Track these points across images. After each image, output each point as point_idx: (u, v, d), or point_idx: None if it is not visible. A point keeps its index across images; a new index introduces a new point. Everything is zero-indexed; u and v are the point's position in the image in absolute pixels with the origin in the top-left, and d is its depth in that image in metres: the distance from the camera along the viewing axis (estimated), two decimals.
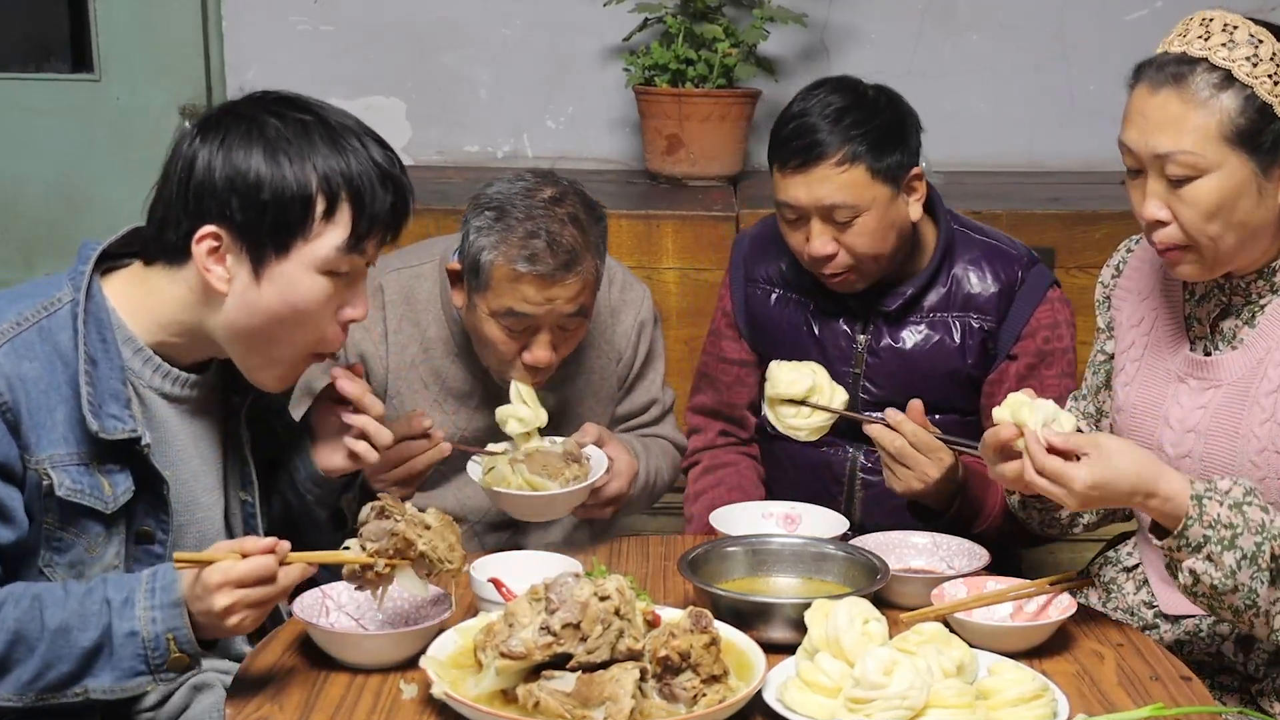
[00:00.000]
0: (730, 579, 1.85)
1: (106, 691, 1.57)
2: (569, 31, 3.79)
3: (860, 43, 3.75)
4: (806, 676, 1.52)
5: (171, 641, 1.55)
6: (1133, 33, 3.67)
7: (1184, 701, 1.60)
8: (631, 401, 2.37)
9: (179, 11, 3.69)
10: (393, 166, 1.67)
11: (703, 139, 3.44)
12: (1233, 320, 1.84)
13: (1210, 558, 1.64)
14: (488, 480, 1.91)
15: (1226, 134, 1.69)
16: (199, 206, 1.61)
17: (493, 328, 2.10)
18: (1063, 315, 2.25)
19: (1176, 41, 1.73)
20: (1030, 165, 3.80)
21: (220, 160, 1.60)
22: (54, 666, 1.55)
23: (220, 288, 1.63)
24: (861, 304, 2.26)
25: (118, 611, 1.55)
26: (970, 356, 2.24)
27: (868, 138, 2.12)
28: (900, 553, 1.95)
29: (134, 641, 1.55)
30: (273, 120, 1.62)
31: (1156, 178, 1.74)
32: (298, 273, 1.63)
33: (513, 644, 1.47)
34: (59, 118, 3.68)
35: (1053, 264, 2.97)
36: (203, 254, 1.62)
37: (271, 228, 1.61)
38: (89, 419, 1.59)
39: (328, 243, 1.63)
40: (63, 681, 1.56)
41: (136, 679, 1.57)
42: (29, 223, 3.71)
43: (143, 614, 1.55)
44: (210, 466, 1.77)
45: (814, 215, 2.14)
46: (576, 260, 2.05)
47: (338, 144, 1.62)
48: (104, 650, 1.56)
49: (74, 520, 1.62)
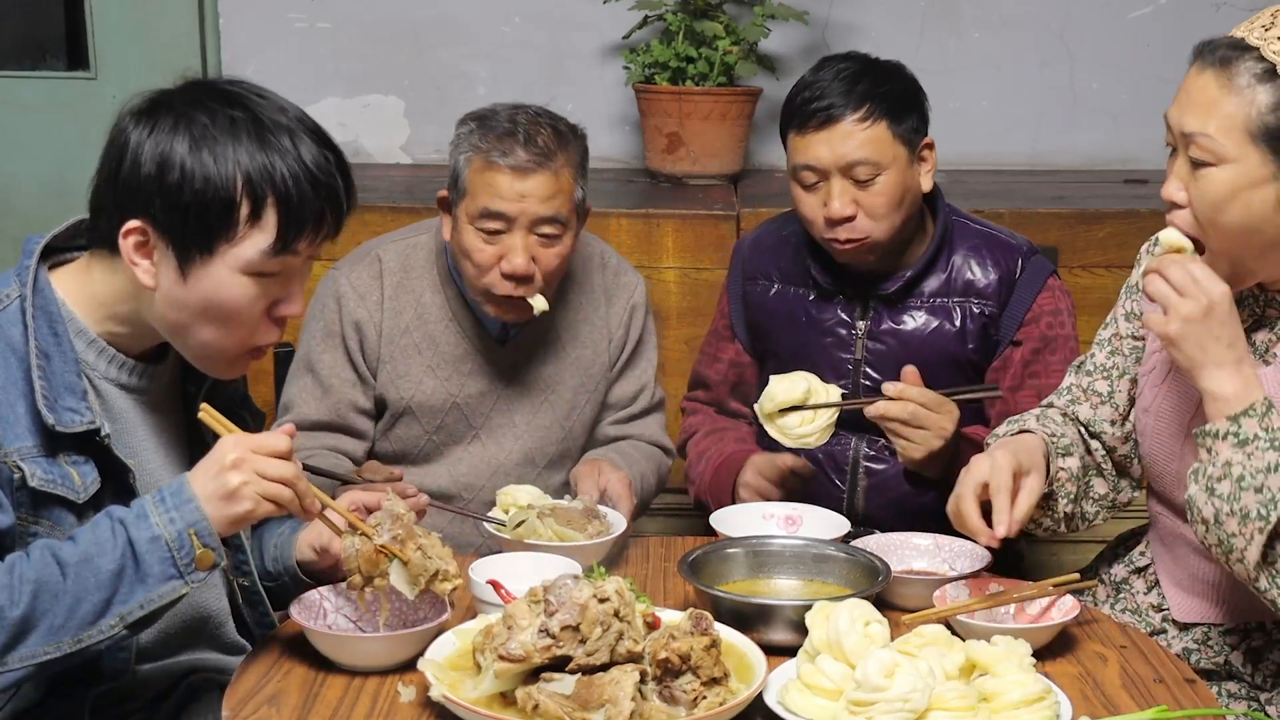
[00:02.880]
0: (731, 580, 1.84)
1: (142, 606, 1.53)
2: (568, 29, 3.78)
3: (862, 40, 3.74)
4: (807, 679, 1.51)
5: (194, 537, 1.53)
6: (1136, 30, 3.65)
7: (1188, 704, 1.59)
8: (621, 388, 2.41)
9: (175, 9, 3.68)
10: (326, 165, 1.61)
11: (703, 137, 3.43)
12: (1266, 333, 1.80)
13: (1251, 454, 1.62)
14: (518, 533, 1.93)
15: (1252, 128, 1.64)
16: (126, 199, 1.59)
17: (471, 235, 2.17)
18: (1064, 303, 2.27)
19: (1244, 28, 1.69)
20: (1033, 163, 3.79)
21: (148, 152, 1.57)
22: (83, 601, 1.51)
23: (147, 282, 1.60)
24: (859, 290, 2.28)
25: (134, 525, 1.53)
26: (971, 342, 2.25)
27: (887, 99, 2.17)
28: (902, 554, 1.94)
29: (158, 546, 1.53)
30: (202, 116, 1.58)
31: (1183, 158, 1.70)
32: (223, 274, 1.60)
33: (511, 646, 1.47)
34: (54, 115, 3.67)
35: (1056, 263, 2.96)
36: (129, 248, 1.59)
37: (195, 228, 1.58)
38: (44, 413, 1.57)
39: (253, 246, 1.59)
40: (96, 613, 1.52)
41: (169, 584, 1.54)
42: (24, 220, 3.70)
43: (159, 519, 1.53)
44: (175, 457, 1.76)
45: (835, 174, 2.17)
46: (549, 158, 2.14)
47: (266, 142, 1.58)
48: (128, 567, 1.52)
49: (47, 511, 1.60)
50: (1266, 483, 1.61)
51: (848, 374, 2.28)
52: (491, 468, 2.34)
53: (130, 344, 1.69)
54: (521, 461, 2.35)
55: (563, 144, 2.18)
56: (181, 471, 1.72)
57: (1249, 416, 1.64)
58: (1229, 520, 1.64)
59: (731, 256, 2.45)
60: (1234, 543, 1.65)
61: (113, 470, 1.64)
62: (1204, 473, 1.67)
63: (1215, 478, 1.65)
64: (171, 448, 1.76)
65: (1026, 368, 2.23)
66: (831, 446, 2.29)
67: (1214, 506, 1.65)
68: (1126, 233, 3.02)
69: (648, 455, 2.38)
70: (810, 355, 2.29)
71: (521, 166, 2.13)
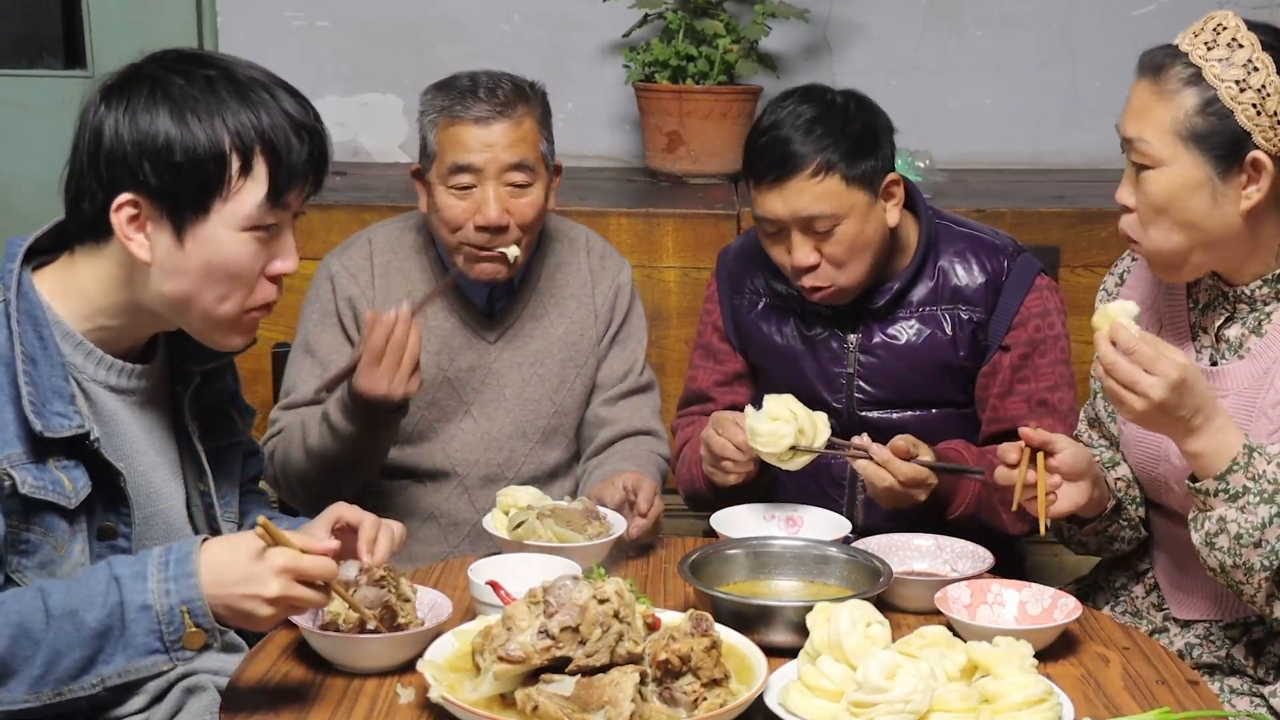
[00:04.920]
0: (731, 581, 1.84)
1: (121, 675, 1.50)
2: (568, 27, 3.77)
3: (863, 39, 3.73)
4: (808, 680, 1.50)
5: (186, 615, 1.49)
6: (1138, 28, 3.64)
7: (1191, 706, 1.59)
8: (609, 367, 2.43)
9: (173, 7, 3.68)
10: (306, 116, 1.62)
11: (703, 136, 3.43)
12: (1239, 328, 1.83)
13: (1244, 508, 1.66)
14: (518, 534, 1.92)
15: (1181, 131, 1.71)
16: (112, 176, 1.57)
17: (444, 195, 2.24)
18: (1052, 303, 2.25)
19: (1180, 35, 1.75)
20: (1035, 162, 3.79)
21: (127, 126, 1.56)
22: (63, 655, 1.49)
23: (143, 256, 1.59)
24: (849, 305, 2.25)
25: (128, 585, 1.50)
26: (962, 349, 2.24)
27: (840, 146, 2.12)
28: (903, 555, 1.94)
29: (147, 616, 1.49)
30: (178, 79, 1.58)
31: (1129, 163, 1.78)
32: (220, 232, 1.59)
33: (511, 648, 1.46)
34: (52, 114, 3.65)
35: (1057, 262, 2.96)
36: (122, 223, 1.58)
37: (188, 189, 1.57)
38: (32, 419, 1.55)
39: (248, 200, 1.59)
40: (75, 670, 1.50)
41: (151, 658, 1.51)
42: (20, 220, 3.68)
43: (155, 586, 1.50)
44: (166, 458, 1.75)
45: (793, 227, 2.14)
46: (510, 106, 2.22)
47: (246, 98, 1.58)
48: (114, 629, 1.50)
49: (39, 519, 1.58)
50: (1264, 537, 1.67)
51: (841, 387, 2.26)
52: (485, 442, 2.36)
53: (119, 341, 1.67)
54: (514, 435, 2.37)
55: (522, 97, 2.25)
56: (169, 475, 1.71)
57: (1234, 472, 1.68)
58: (1234, 571, 1.70)
59: (716, 265, 2.42)
60: (1243, 589, 1.71)
61: (103, 474, 1.63)
62: (1202, 526, 1.72)
63: (1212, 533, 1.70)
64: (161, 448, 1.75)
65: (1015, 373, 2.22)
66: (827, 459, 2.28)
67: (1217, 559, 1.71)
68: None
69: (648, 457, 2.37)
70: (802, 370, 2.28)
71: (484, 117, 2.21)
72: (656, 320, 2.59)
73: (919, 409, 2.26)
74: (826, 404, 2.26)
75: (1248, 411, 1.78)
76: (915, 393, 2.25)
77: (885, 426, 2.26)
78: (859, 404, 2.26)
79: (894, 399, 2.26)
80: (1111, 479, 1.96)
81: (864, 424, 2.25)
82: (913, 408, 2.26)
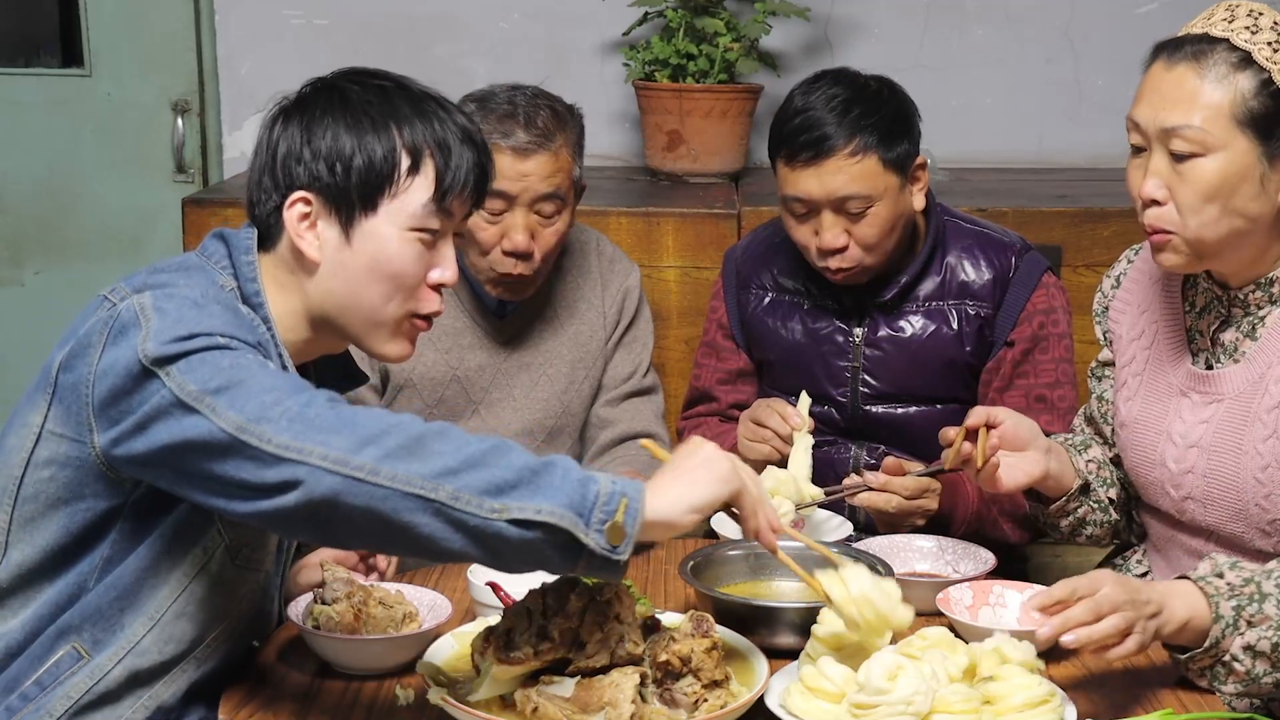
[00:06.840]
0: (732, 583, 1.83)
1: (532, 514, 1.34)
2: (567, 25, 3.76)
3: (864, 36, 3.72)
4: (809, 682, 1.50)
5: (624, 505, 1.35)
6: (1143, 26, 3.63)
7: (1193, 707, 1.59)
8: (615, 368, 2.44)
9: (170, 5, 3.66)
10: (475, 130, 1.68)
11: (704, 135, 3.41)
12: (1233, 332, 1.82)
13: (1251, 622, 1.58)
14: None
15: (1238, 114, 1.68)
16: (287, 177, 1.63)
17: (475, 217, 2.19)
18: (1059, 301, 2.26)
19: (1200, 24, 1.74)
20: (1038, 161, 3.77)
21: (304, 133, 1.62)
22: (482, 466, 1.36)
23: (313, 254, 1.63)
24: (855, 299, 2.26)
25: (572, 467, 1.38)
26: (968, 344, 2.24)
27: (878, 128, 2.13)
28: (905, 556, 1.93)
29: (587, 484, 1.36)
30: (353, 88, 1.65)
31: (1161, 154, 1.73)
32: (387, 230, 1.63)
33: (510, 649, 1.45)
34: (48, 113, 3.65)
35: (1060, 262, 2.95)
36: (294, 220, 1.62)
37: (359, 186, 1.61)
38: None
39: (414, 199, 1.63)
40: (488, 486, 1.35)
41: (569, 514, 1.34)
42: (17, 219, 3.68)
43: (603, 478, 1.38)
44: None
45: (825, 208, 2.14)
46: (549, 138, 2.22)
47: (419, 107, 1.65)
48: (546, 473, 1.36)
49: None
50: None
51: (846, 381, 2.26)
52: None
53: (300, 355, 1.69)
54: (520, 434, 2.37)
55: (561, 124, 2.26)
56: None
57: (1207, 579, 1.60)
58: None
59: (723, 264, 2.44)
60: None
61: None
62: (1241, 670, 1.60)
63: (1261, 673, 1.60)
64: None
65: (1016, 369, 2.23)
66: (831, 455, 2.28)
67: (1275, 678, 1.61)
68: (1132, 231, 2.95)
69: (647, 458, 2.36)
70: (807, 364, 2.28)
71: (522, 147, 2.21)
72: (656, 320, 2.58)
73: (923, 404, 2.26)
74: (831, 398, 2.26)
75: (1243, 417, 1.77)
76: (920, 388, 2.25)
77: (889, 421, 2.26)
78: (863, 398, 2.26)
79: (898, 393, 2.26)
80: (1082, 461, 1.96)
81: (868, 418, 2.26)
82: (917, 403, 2.26)
